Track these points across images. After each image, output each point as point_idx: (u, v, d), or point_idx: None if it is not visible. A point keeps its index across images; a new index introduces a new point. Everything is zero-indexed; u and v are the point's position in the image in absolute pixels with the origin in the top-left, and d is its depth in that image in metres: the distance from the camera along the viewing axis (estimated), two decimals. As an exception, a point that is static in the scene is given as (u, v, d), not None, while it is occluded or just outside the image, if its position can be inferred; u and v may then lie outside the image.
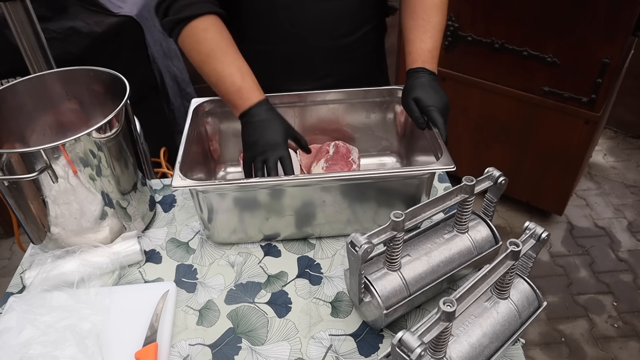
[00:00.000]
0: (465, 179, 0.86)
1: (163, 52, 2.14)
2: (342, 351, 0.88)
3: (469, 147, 2.35)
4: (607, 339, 1.96)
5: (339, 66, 1.21)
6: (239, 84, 1.02)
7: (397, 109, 1.20)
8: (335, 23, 1.15)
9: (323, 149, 1.20)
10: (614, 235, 2.35)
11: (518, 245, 0.75)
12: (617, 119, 2.84)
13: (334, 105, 1.19)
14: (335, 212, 1.03)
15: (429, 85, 1.06)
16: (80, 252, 1.00)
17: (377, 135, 1.25)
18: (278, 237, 1.07)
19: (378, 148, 1.27)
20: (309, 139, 1.23)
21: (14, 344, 0.87)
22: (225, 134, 1.21)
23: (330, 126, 1.23)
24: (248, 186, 0.96)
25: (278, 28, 1.14)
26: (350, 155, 1.18)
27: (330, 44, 1.18)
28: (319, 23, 1.14)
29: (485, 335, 0.77)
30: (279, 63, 1.20)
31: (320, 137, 1.24)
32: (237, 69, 1.03)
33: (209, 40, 1.03)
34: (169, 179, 1.25)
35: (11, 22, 1.38)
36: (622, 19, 1.70)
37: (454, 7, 2.01)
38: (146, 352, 0.85)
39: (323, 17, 1.14)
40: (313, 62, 1.19)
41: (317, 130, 1.23)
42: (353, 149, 1.21)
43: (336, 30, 1.16)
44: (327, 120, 1.22)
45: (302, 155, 1.22)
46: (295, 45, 1.16)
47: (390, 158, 1.28)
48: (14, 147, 1.05)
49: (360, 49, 1.22)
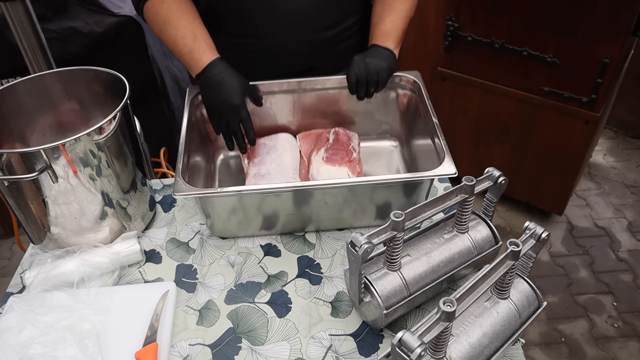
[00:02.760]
0: (465, 179, 0.86)
1: (163, 52, 2.14)
2: (342, 351, 0.88)
3: (469, 147, 2.35)
4: (607, 339, 1.96)
5: (321, 60, 1.21)
6: (190, 45, 1.05)
7: (399, 92, 1.21)
8: (316, 16, 1.15)
9: (323, 136, 1.20)
10: (614, 235, 2.35)
11: (518, 245, 0.75)
12: (617, 119, 2.83)
13: (334, 90, 1.19)
14: (337, 211, 1.04)
15: (370, 51, 1.11)
16: (80, 252, 1.00)
17: (377, 119, 1.25)
18: (279, 231, 1.08)
19: (378, 131, 1.27)
20: (309, 122, 1.24)
21: (14, 344, 0.87)
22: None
23: (330, 109, 1.22)
24: (247, 194, 0.97)
25: (257, 20, 1.14)
26: (351, 142, 1.17)
27: (312, 38, 1.17)
28: (299, 15, 1.14)
29: (485, 335, 0.77)
30: (258, 57, 1.19)
31: (320, 120, 1.23)
32: (190, 32, 1.06)
33: (165, 10, 1.07)
34: (169, 179, 1.25)
35: (11, 22, 1.38)
36: (622, 18, 1.70)
37: (454, 7, 2.01)
38: (146, 352, 0.85)
39: (303, 10, 1.13)
40: (294, 55, 1.18)
41: (316, 114, 1.23)
42: (353, 135, 1.20)
43: (317, 23, 1.16)
44: (326, 104, 1.21)
45: (301, 141, 1.22)
46: (275, 38, 1.16)
47: (390, 142, 1.28)
48: (14, 147, 1.05)
49: (343, 42, 1.22)
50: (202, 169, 1.14)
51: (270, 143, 1.19)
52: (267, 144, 1.19)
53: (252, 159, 1.16)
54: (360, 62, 1.10)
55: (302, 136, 1.24)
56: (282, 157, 1.15)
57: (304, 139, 1.23)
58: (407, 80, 1.18)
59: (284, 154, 1.16)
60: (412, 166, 1.19)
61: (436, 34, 2.13)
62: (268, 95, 1.18)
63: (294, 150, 1.20)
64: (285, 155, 1.16)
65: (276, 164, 1.13)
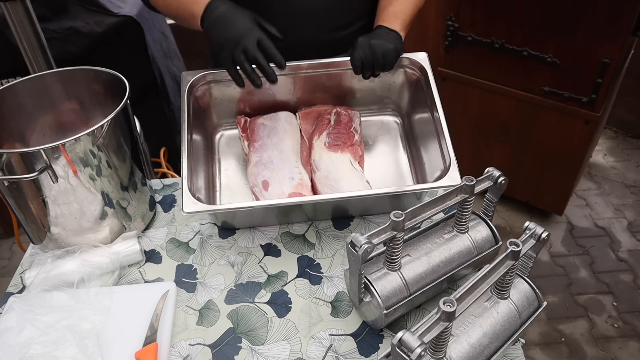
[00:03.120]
0: (465, 179, 0.86)
1: (163, 52, 2.14)
2: (342, 351, 0.88)
3: (469, 147, 2.35)
4: (607, 339, 1.96)
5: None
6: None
7: (404, 70, 1.19)
8: (332, 14, 1.13)
9: (324, 118, 1.19)
10: (614, 235, 2.35)
11: (518, 245, 0.75)
12: (617, 119, 2.83)
13: (336, 71, 1.18)
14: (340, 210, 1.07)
15: (376, 33, 1.07)
16: (80, 252, 1.00)
17: (378, 95, 1.24)
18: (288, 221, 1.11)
19: (379, 106, 1.26)
20: (310, 98, 1.22)
21: (14, 344, 0.87)
22: (218, 99, 1.21)
23: (331, 83, 1.20)
24: (256, 208, 0.99)
25: (271, 17, 1.10)
26: (352, 123, 1.17)
27: (325, 37, 1.15)
28: (313, 14, 1.11)
29: (485, 335, 0.77)
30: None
31: (321, 95, 1.22)
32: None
33: None
34: (169, 179, 1.25)
35: (11, 22, 1.38)
36: (622, 18, 1.70)
37: (454, 7, 2.01)
38: (146, 352, 0.85)
39: (318, 9, 1.11)
40: (306, 54, 1.16)
41: (318, 90, 1.21)
42: (354, 115, 1.19)
43: (332, 21, 1.13)
44: (327, 80, 1.20)
45: (301, 120, 1.21)
46: (288, 37, 1.11)
47: (392, 117, 1.27)
48: (14, 147, 1.05)
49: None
50: (202, 147, 1.14)
51: (270, 124, 1.17)
52: (267, 125, 1.17)
53: (252, 142, 1.15)
54: (365, 44, 1.04)
55: (302, 114, 1.22)
56: (283, 141, 1.14)
57: (304, 118, 1.21)
58: (413, 61, 1.17)
59: (285, 138, 1.15)
60: (414, 144, 1.18)
61: (436, 34, 2.13)
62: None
63: (294, 131, 1.19)
64: (286, 138, 1.15)
65: (278, 150, 1.12)
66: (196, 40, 2.79)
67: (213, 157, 1.21)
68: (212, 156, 1.21)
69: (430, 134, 1.09)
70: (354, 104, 1.24)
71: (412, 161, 1.18)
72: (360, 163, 1.12)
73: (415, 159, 1.17)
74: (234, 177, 1.17)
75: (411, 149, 1.19)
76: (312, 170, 1.12)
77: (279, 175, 1.07)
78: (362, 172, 1.11)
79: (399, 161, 1.18)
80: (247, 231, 1.10)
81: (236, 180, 1.16)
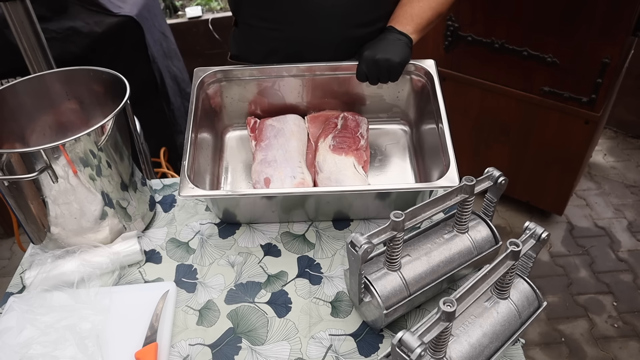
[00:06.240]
0: (465, 179, 0.86)
1: (163, 52, 2.14)
2: (342, 351, 0.88)
3: (469, 147, 2.35)
4: (607, 339, 1.96)
5: (348, 58, 1.17)
6: None
7: (410, 77, 1.19)
8: (351, 8, 1.10)
9: (331, 121, 1.19)
10: (614, 235, 2.35)
11: (518, 245, 0.75)
12: (617, 119, 2.83)
13: (345, 75, 1.18)
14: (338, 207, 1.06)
15: (383, 42, 1.05)
16: (80, 252, 1.00)
17: (387, 103, 1.24)
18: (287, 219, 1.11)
19: (388, 114, 1.27)
20: (319, 103, 1.23)
21: (14, 344, 0.87)
22: (229, 98, 1.22)
23: (340, 89, 1.21)
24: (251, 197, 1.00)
25: (285, 8, 1.09)
26: (359, 129, 1.17)
27: (342, 33, 1.13)
28: (333, 7, 1.09)
29: (485, 335, 0.77)
30: (282, 47, 1.15)
31: (330, 100, 1.23)
32: None
33: None
34: (169, 179, 1.25)
35: (11, 22, 1.38)
36: (622, 19, 1.70)
37: (454, 7, 2.01)
38: (146, 352, 0.85)
39: (339, 4, 1.08)
40: (321, 49, 1.15)
41: (327, 95, 1.22)
42: (362, 121, 1.20)
43: (352, 17, 1.11)
44: (337, 85, 1.20)
45: (309, 124, 1.22)
46: (303, 31, 1.11)
47: (399, 126, 1.27)
48: (14, 147, 1.05)
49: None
50: (210, 145, 1.15)
51: (278, 125, 1.19)
52: (275, 126, 1.18)
53: (259, 142, 1.16)
54: (369, 59, 1.05)
55: (311, 118, 1.23)
56: (289, 142, 1.15)
57: (312, 122, 1.23)
58: (420, 68, 1.16)
59: (291, 139, 1.16)
60: (420, 154, 1.18)
61: (436, 34, 2.13)
62: (277, 78, 1.19)
63: (301, 133, 1.19)
64: (292, 140, 1.16)
65: (283, 150, 1.13)
66: (196, 41, 2.80)
67: (221, 156, 1.22)
68: (220, 155, 1.22)
69: (433, 136, 1.09)
70: (363, 112, 1.25)
71: (419, 172, 1.18)
72: (364, 168, 1.12)
73: (421, 169, 1.17)
74: (239, 177, 1.18)
75: (417, 158, 1.20)
76: (316, 171, 1.12)
77: (281, 174, 1.08)
78: (366, 176, 1.11)
79: (406, 173, 1.19)
80: (247, 231, 1.10)
81: (241, 180, 1.17)
